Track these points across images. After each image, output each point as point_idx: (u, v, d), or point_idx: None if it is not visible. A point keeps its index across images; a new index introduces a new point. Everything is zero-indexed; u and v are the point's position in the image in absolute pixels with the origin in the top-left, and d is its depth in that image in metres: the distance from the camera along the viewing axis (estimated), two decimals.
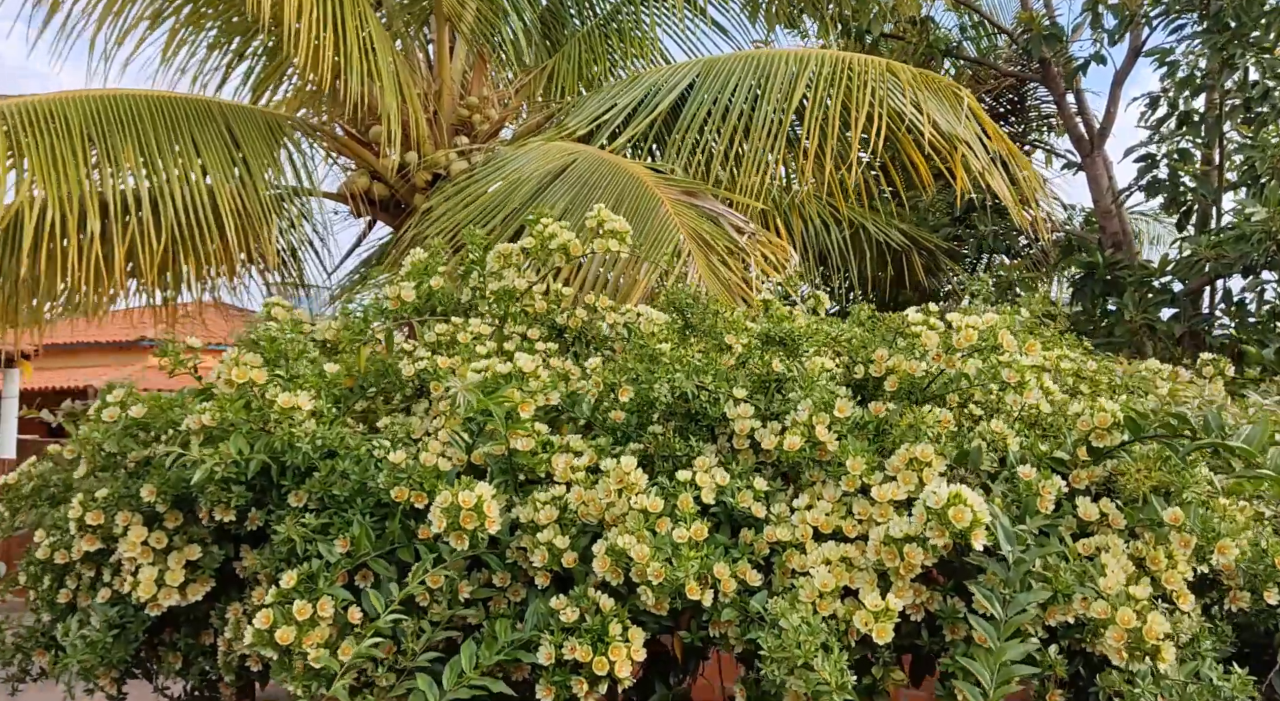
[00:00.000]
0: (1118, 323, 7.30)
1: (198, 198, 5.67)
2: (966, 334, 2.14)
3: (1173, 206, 7.98)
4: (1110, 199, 8.93)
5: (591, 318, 2.73)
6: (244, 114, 6.30)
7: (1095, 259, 8.18)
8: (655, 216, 4.42)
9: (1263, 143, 7.05)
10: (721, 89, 5.92)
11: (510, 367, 2.12)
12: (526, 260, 2.75)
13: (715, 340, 2.61)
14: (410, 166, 6.72)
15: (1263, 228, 6.61)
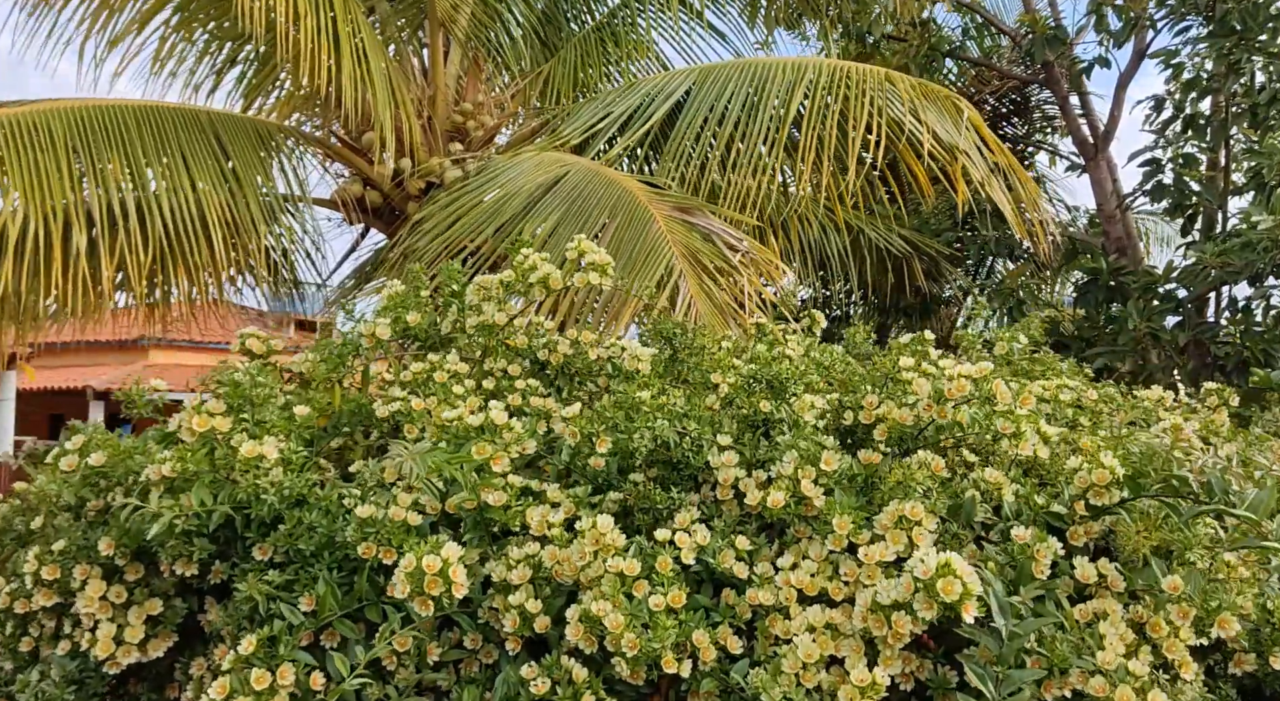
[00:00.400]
0: (1121, 331, 7.20)
1: (186, 209, 5.58)
2: (959, 384, 2.05)
3: (1177, 211, 7.88)
4: (1114, 203, 8.83)
5: (574, 352, 2.64)
6: (233, 123, 6.21)
7: (1099, 264, 8.08)
8: (647, 233, 4.33)
9: (1269, 149, 6.94)
10: (718, 98, 5.82)
11: (482, 418, 2.03)
12: (507, 292, 2.66)
13: (702, 376, 2.52)
14: (404, 173, 6.64)
15: (1269, 236, 6.51)
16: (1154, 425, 3.09)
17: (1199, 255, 7.03)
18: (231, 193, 5.87)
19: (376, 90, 5.87)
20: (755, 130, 5.66)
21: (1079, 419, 3.03)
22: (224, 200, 5.73)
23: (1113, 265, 8.06)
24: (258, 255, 5.99)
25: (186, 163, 5.78)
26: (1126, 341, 7.20)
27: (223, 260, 5.71)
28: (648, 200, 4.56)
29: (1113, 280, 8.03)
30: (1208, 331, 7.20)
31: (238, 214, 5.81)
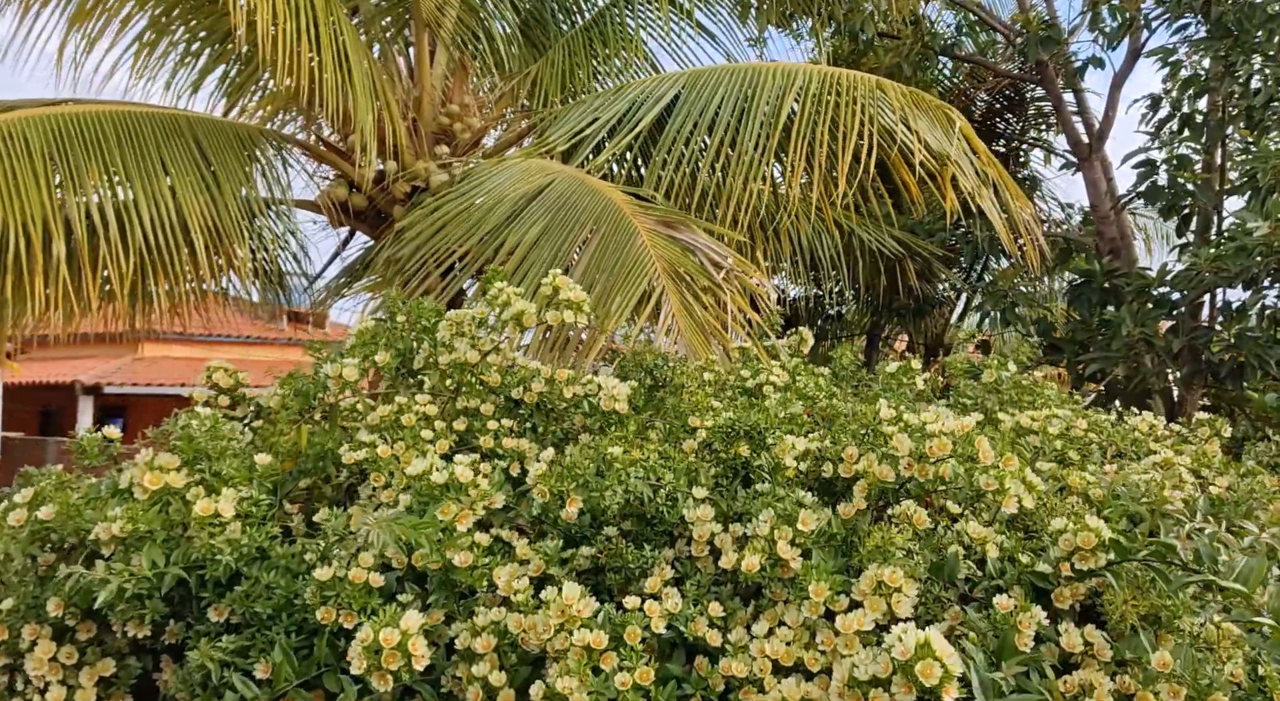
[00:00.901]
0: (1114, 336, 7.14)
1: (167, 216, 5.50)
2: (940, 443, 1.97)
3: (1172, 213, 7.81)
4: (1109, 204, 8.75)
5: (549, 390, 2.56)
6: (214, 127, 6.11)
7: (1093, 267, 8.02)
8: (630, 247, 4.24)
9: (1264, 152, 6.86)
10: (707, 104, 5.72)
11: (447, 476, 1.95)
12: (480, 328, 2.57)
13: (680, 419, 2.44)
14: (389, 176, 6.55)
15: (1264, 242, 6.44)
16: (1145, 458, 3.03)
17: (1193, 260, 6.96)
18: (213, 199, 5.78)
19: (357, 93, 5.77)
20: (745, 137, 5.58)
21: (1068, 452, 2.96)
22: (204, 207, 5.64)
23: (1106, 267, 8.00)
24: (242, 263, 5.90)
25: (166, 169, 5.69)
26: (1119, 347, 7.14)
27: (205, 268, 5.63)
28: (632, 213, 4.47)
29: (1106, 282, 7.97)
30: (1201, 337, 7.13)
31: (220, 221, 5.72)
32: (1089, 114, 9.16)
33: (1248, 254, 6.52)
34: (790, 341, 4.18)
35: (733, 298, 3.97)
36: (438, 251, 5.21)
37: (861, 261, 8.46)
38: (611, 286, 4.08)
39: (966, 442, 2.02)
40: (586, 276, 4.24)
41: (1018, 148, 10.87)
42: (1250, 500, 2.56)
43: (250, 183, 6.14)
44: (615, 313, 3.91)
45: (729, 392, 3.23)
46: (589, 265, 4.31)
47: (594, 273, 4.25)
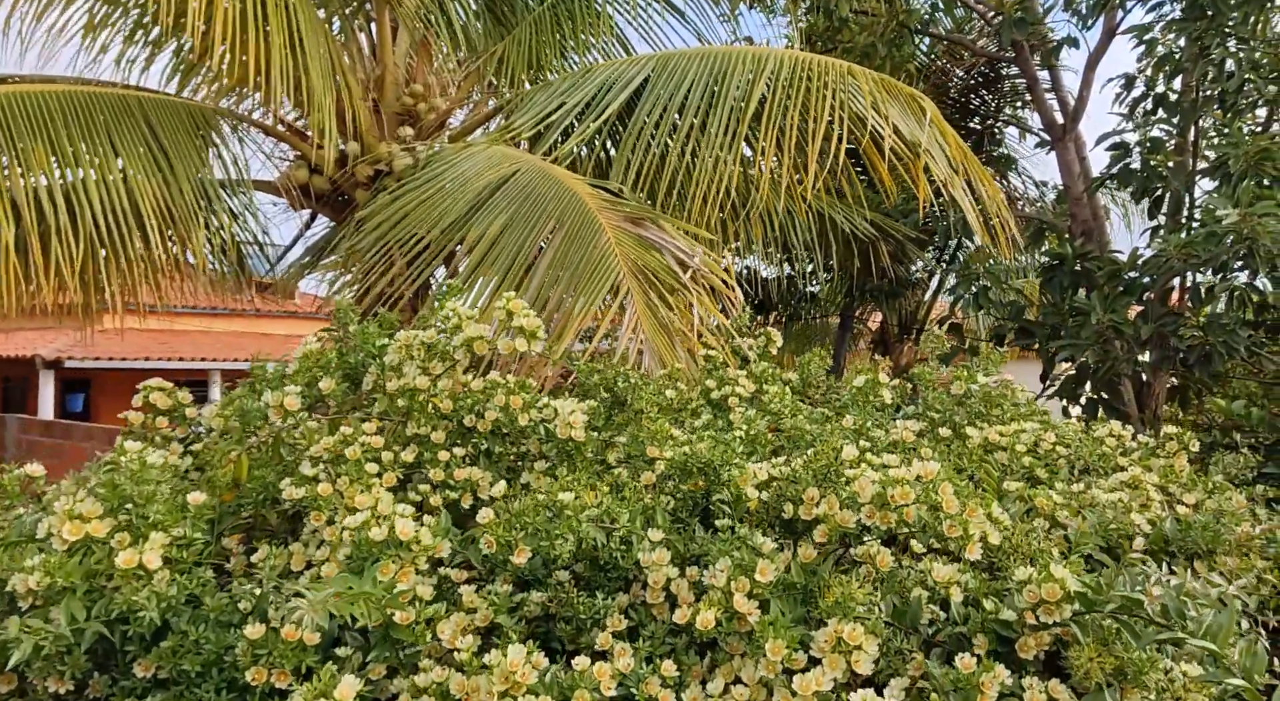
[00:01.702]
0: (1085, 324, 7.11)
1: (118, 199, 5.32)
2: (902, 492, 1.90)
3: (1144, 196, 7.77)
4: (1082, 185, 8.71)
5: (504, 416, 2.46)
6: (167, 107, 5.90)
7: (1065, 250, 7.98)
8: (595, 244, 4.13)
9: (1237, 137, 6.81)
10: (676, 88, 5.59)
11: (386, 532, 1.86)
12: (430, 354, 2.46)
13: (638, 448, 2.35)
14: (352, 158, 6.38)
15: (1235, 229, 6.41)
16: (1113, 474, 2.98)
17: (1163, 246, 6.92)
18: (166, 181, 5.60)
19: (313, 71, 5.58)
20: (715, 123, 5.46)
21: (1036, 469, 2.91)
22: (157, 190, 5.45)
23: (1079, 250, 7.95)
24: (197, 247, 5.73)
25: (117, 151, 5.50)
26: (1089, 335, 7.12)
27: (160, 252, 5.46)
28: (597, 208, 4.35)
29: (1078, 264, 7.94)
30: (1170, 323, 7.12)
31: (174, 205, 5.55)
32: (1063, 92, 9.09)
33: (1217, 240, 6.49)
34: (757, 342, 4.10)
35: (699, 299, 3.88)
36: (399, 241, 5.07)
37: (835, 243, 8.39)
38: (575, 285, 3.98)
39: (930, 489, 1.94)
40: (550, 274, 4.13)
41: (993, 126, 10.80)
42: (1217, 525, 2.51)
43: (205, 165, 5.95)
44: (579, 313, 3.81)
45: (693, 405, 3.15)
46: (553, 261, 4.20)
47: (558, 270, 4.14)
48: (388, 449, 2.40)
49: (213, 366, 19.97)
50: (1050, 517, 2.64)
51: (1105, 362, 7.24)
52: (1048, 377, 8.27)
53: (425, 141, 6.87)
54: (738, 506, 2.21)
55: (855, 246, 8.41)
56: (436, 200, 4.94)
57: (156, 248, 5.53)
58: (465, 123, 7.13)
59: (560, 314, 3.87)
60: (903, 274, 9.40)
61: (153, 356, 18.97)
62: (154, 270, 5.91)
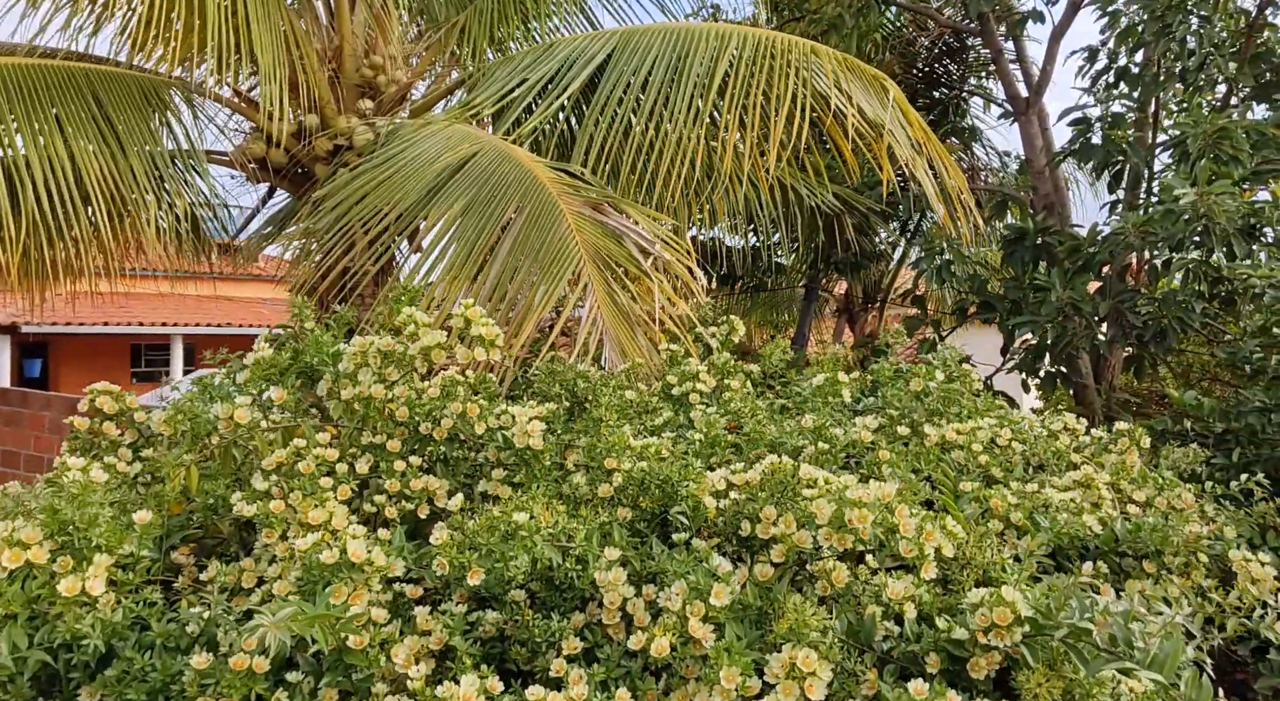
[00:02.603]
0: (1045, 301, 7.18)
1: (62, 178, 5.17)
2: (860, 515, 1.90)
3: (1104, 170, 7.83)
4: (1044, 159, 8.75)
5: (461, 423, 2.44)
6: (116, 80, 5.74)
7: (1026, 225, 8.03)
8: (556, 231, 4.08)
9: (1197, 116, 6.85)
10: (639, 65, 5.52)
11: (336, 555, 1.83)
12: (386, 362, 2.43)
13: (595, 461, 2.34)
14: (311, 130, 6.25)
15: (1192, 209, 6.47)
16: (1066, 472, 3.02)
17: (1122, 224, 6.98)
18: (114, 157, 5.45)
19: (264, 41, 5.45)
20: (679, 100, 5.40)
21: (991, 468, 2.94)
22: (104, 168, 5.31)
23: (1040, 225, 8.01)
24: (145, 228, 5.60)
25: (63, 127, 5.35)
26: (1049, 311, 7.19)
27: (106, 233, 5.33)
28: (559, 193, 4.30)
29: (1040, 238, 8.00)
30: (1128, 300, 7.21)
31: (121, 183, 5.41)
32: (1028, 64, 9.10)
33: (1175, 219, 6.55)
34: (720, 331, 4.09)
35: (660, 286, 3.85)
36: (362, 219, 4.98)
37: (800, 216, 8.38)
38: (536, 273, 3.93)
39: (888, 512, 1.95)
40: (510, 261, 4.08)
41: (958, 96, 10.78)
42: (1166, 527, 2.56)
43: (156, 140, 5.80)
44: (539, 303, 3.77)
45: (654, 404, 3.15)
46: (513, 248, 4.15)
47: (518, 256, 4.09)
48: (343, 458, 2.38)
49: (174, 331, 19.67)
50: (1004, 519, 2.68)
51: (1064, 338, 7.33)
52: (1008, 351, 8.36)
53: (386, 115, 6.74)
54: (696, 517, 2.21)
55: (820, 219, 8.41)
56: (396, 182, 4.85)
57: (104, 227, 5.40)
58: (427, 95, 7.00)
59: (521, 303, 3.83)
60: (867, 246, 9.42)
61: (111, 321, 18.65)
62: (102, 251, 5.79)
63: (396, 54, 6.94)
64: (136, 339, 21.92)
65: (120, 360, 22.26)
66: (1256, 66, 7.33)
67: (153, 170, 5.71)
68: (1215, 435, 3.61)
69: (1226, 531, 2.79)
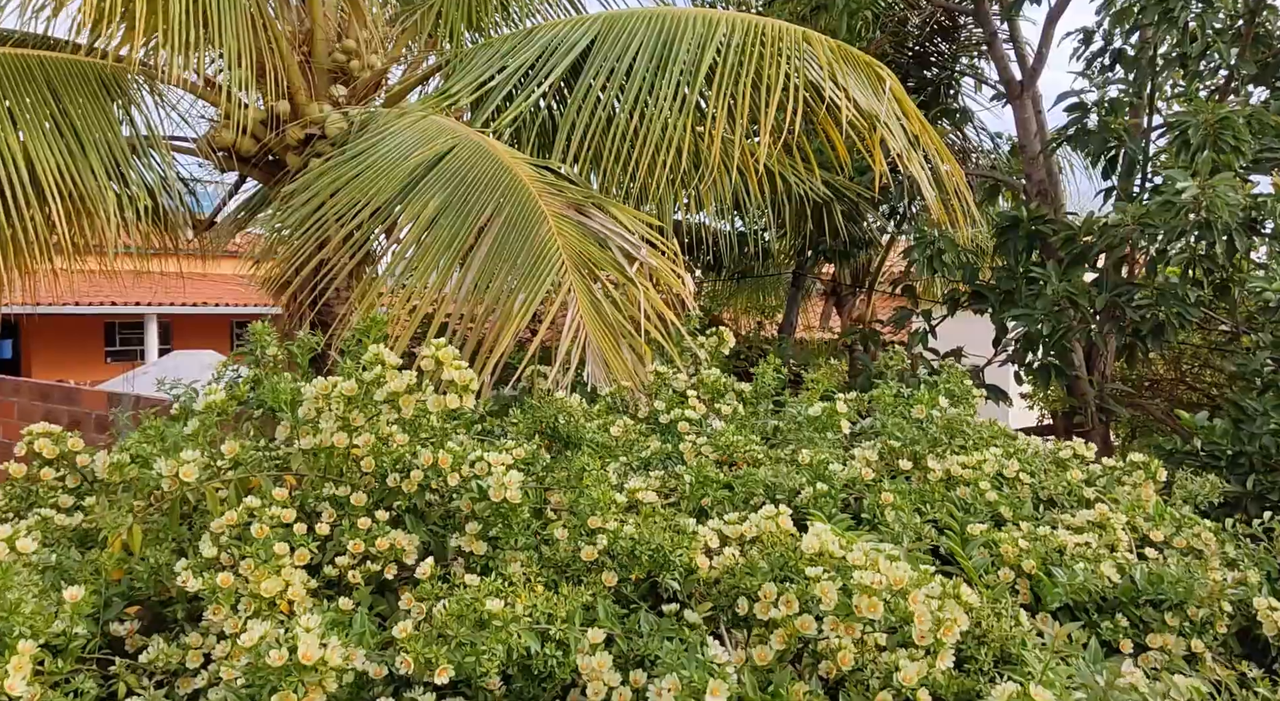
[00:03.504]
0: (1040, 295, 7.01)
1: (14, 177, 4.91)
2: (870, 604, 1.72)
3: (1099, 157, 7.64)
4: (1038, 145, 8.55)
5: (432, 474, 2.23)
6: (73, 69, 5.44)
7: (1019, 213, 7.84)
8: (536, 235, 3.86)
9: (1198, 105, 6.66)
10: (623, 53, 5.27)
11: (285, 655, 1.63)
12: (350, 407, 2.22)
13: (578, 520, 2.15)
14: (281, 116, 5.98)
15: (1192, 202, 6.30)
16: (1079, 510, 2.85)
17: (1120, 217, 6.80)
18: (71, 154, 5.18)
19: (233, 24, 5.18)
20: (664, 88, 5.16)
21: (1000, 508, 2.76)
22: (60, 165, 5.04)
23: (1033, 213, 7.83)
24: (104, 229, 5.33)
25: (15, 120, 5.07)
26: (1044, 305, 7.02)
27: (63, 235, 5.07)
28: (539, 193, 4.07)
29: (1033, 227, 7.82)
30: (1125, 293, 7.05)
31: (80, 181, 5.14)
32: (1021, 46, 8.88)
33: (1175, 212, 6.37)
34: (709, 342, 3.90)
35: (647, 295, 3.64)
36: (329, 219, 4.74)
37: (788, 205, 8.17)
38: (515, 281, 3.72)
39: (899, 602, 1.77)
40: (487, 268, 3.86)
41: (950, 76, 10.55)
42: (1191, 580, 2.39)
43: (116, 132, 5.52)
44: (517, 314, 3.56)
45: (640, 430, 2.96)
46: (490, 253, 3.92)
47: (495, 263, 3.87)
48: (303, 511, 2.17)
49: (148, 311, 19.31)
50: (1016, 567, 2.51)
51: (1059, 332, 7.17)
52: (1000, 343, 8.20)
53: (360, 102, 6.48)
54: (688, 582, 2.03)
55: (809, 207, 8.19)
56: (367, 179, 4.60)
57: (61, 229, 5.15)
58: (403, 81, 6.72)
59: (498, 313, 3.61)
60: (857, 233, 9.21)
61: (83, 301, 18.25)
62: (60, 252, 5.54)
63: (371, 38, 6.66)
64: (111, 318, 21.53)
65: (94, 340, 21.88)
66: (1258, 52, 7.13)
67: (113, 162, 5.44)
68: (1228, 458, 3.45)
69: (1250, 576, 2.63)
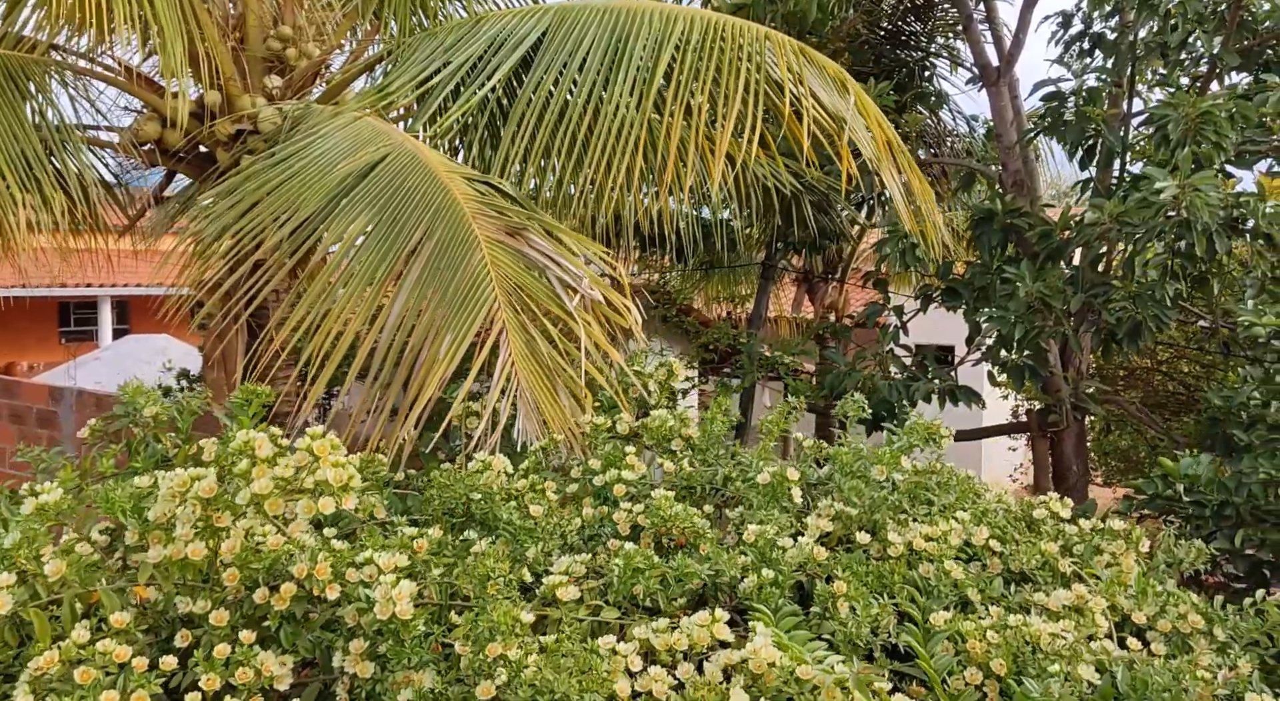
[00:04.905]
0: (1013, 296, 6.75)
1: None
2: None
3: (1077, 148, 7.37)
4: (1015, 134, 8.26)
5: (310, 583, 1.92)
6: None
7: (994, 205, 7.57)
8: (468, 264, 3.52)
9: (1180, 98, 6.37)
10: (575, 49, 4.91)
11: None
12: (210, 509, 1.90)
13: (477, 652, 1.84)
14: (213, 108, 5.58)
15: (1171, 201, 6.03)
16: (1055, 590, 2.58)
17: (1096, 214, 6.53)
18: None
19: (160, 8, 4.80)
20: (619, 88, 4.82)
21: (966, 590, 2.48)
22: None
23: (1009, 206, 7.56)
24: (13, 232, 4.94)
25: None
26: (1017, 306, 6.77)
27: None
28: (474, 214, 3.72)
29: (1009, 219, 7.56)
30: (1101, 294, 6.80)
31: None
32: (999, 27, 8.58)
33: (1154, 211, 6.11)
34: (658, 374, 3.60)
35: (588, 331, 3.32)
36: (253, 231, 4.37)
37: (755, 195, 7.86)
38: (443, 318, 3.38)
39: None
40: (414, 299, 3.52)
41: (925, 57, 10.23)
42: (1178, 689, 2.13)
43: (25, 129, 5.12)
44: (445, 356, 3.23)
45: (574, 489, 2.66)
46: (419, 281, 3.58)
47: (423, 293, 3.53)
48: (152, 629, 1.86)
49: (100, 292, 18.70)
50: (984, 666, 2.24)
51: (1031, 334, 6.93)
52: (973, 341, 7.97)
53: (298, 93, 6.09)
54: None
55: (778, 201, 7.87)
56: (292, 189, 4.23)
57: None
58: (345, 71, 6.32)
59: (424, 356, 3.29)
60: (826, 224, 8.90)
61: (31, 282, 17.64)
62: None
63: (309, 25, 6.24)
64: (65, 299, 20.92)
65: (48, 321, 21.29)
66: (1241, 37, 6.85)
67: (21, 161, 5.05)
68: (1214, 507, 3.20)
69: (1242, 666, 2.38)
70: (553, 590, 2.13)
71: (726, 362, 10.98)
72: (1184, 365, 10.70)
